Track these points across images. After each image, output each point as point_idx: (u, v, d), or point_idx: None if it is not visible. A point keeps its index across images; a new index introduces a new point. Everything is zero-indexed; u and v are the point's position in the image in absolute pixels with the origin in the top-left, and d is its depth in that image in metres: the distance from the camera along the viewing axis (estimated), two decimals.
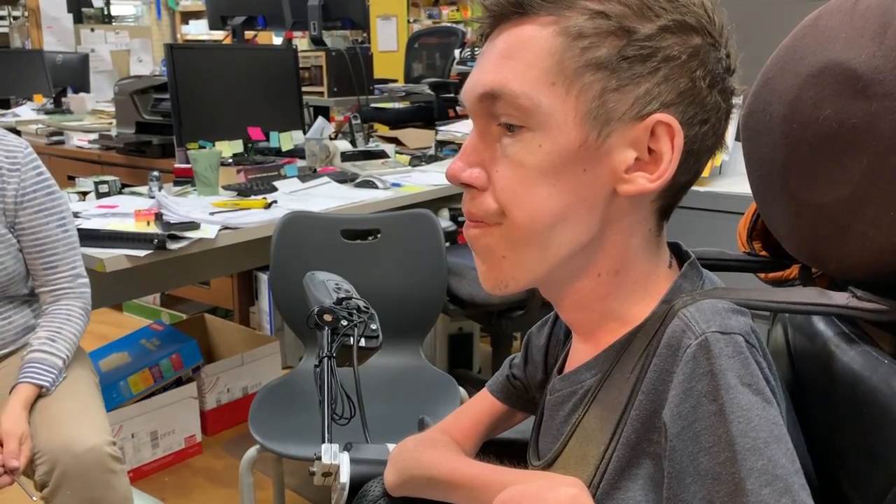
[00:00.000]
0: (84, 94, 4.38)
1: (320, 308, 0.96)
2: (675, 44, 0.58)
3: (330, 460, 0.87)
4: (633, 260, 0.64)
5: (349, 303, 0.98)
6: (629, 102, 0.58)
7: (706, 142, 0.61)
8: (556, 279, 0.65)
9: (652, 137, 0.59)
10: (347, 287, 1.04)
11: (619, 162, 0.59)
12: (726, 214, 1.73)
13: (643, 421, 0.59)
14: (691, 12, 0.59)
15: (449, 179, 0.64)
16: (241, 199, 2.11)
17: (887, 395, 0.56)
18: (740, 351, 0.55)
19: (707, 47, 0.59)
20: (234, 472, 2.02)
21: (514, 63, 0.59)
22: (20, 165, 1.46)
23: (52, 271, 1.50)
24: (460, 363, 2.64)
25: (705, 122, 0.60)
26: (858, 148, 0.60)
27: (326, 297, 1.00)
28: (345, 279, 1.07)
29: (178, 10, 8.10)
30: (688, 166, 0.61)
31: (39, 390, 1.39)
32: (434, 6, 6.82)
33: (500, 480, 0.66)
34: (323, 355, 0.94)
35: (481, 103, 0.61)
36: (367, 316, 0.98)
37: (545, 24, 0.58)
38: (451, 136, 2.87)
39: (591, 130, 0.58)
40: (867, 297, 0.61)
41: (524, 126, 0.59)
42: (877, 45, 0.59)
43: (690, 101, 0.59)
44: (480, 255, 0.65)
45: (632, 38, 0.57)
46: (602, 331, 0.66)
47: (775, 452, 0.52)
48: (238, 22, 3.15)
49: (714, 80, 0.60)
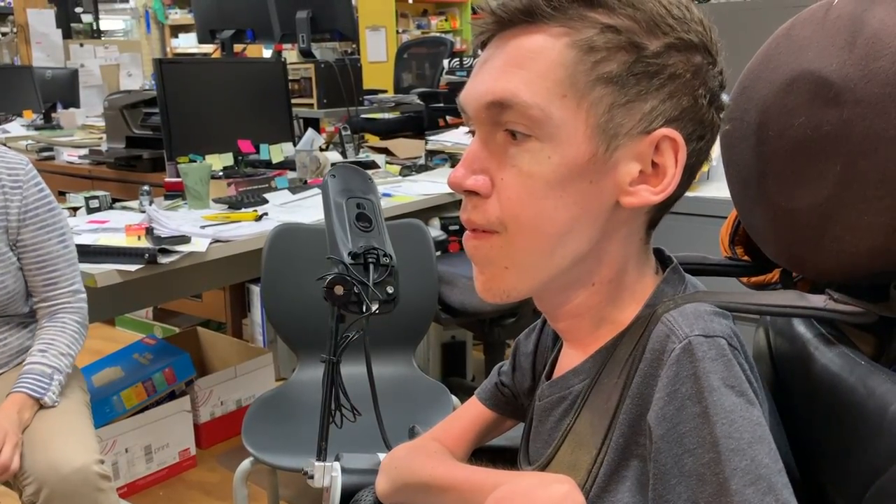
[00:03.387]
0: (74, 110, 4.38)
1: (332, 278, 0.90)
2: (680, 62, 0.59)
3: (320, 483, 0.88)
4: (625, 269, 0.65)
5: (369, 254, 0.91)
6: (636, 118, 0.59)
7: (701, 157, 0.63)
8: (553, 289, 0.65)
9: (656, 152, 0.60)
10: (371, 214, 0.95)
11: (623, 175, 0.60)
12: (712, 219, 1.75)
13: (630, 424, 0.60)
14: (693, 31, 0.60)
15: (452, 187, 0.63)
16: (231, 211, 2.11)
17: (863, 395, 0.57)
18: (723, 353, 0.56)
19: (707, 66, 0.60)
20: (228, 484, 2.01)
21: (525, 72, 0.59)
22: (22, 182, 1.46)
23: (52, 287, 1.50)
24: (454, 372, 2.65)
25: (702, 137, 0.62)
26: (832, 154, 0.61)
27: (344, 238, 0.92)
28: (369, 187, 0.98)
29: (167, 24, 8.10)
30: (683, 180, 0.62)
31: (33, 400, 1.39)
32: (423, 16, 6.85)
33: (492, 482, 0.66)
34: (325, 358, 0.91)
35: (488, 111, 0.60)
36: (386, 273, 0.91)
37: (556, 35, 0.58)
38: (441, 145, 2.88)
39: (599, 144, 0.59)
40: (844, 299, 0.62)
41: (532, 136, 0.59)
42: (847, 53, 0.60)
43: (692, 118, 0.60)
44: (480, 265, 0.65)
45: (641, 55, 0.58)
46: (592, 336, 0.67)
47: (758, 452, 0.53)
48: (227, 35, 3.16)
49: (713, 98, 0.61)
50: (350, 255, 0.90)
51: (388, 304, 0.91)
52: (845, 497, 0.59)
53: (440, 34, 6.36)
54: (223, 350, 2.57)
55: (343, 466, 0.89)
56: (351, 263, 0.89)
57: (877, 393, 0.56)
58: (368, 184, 1.00)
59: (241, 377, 2.42)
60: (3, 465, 1.28)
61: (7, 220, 1.44)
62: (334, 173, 1.00)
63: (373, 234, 0.91)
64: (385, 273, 0.90)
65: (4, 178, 1.45)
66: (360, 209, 0.93)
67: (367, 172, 1.01)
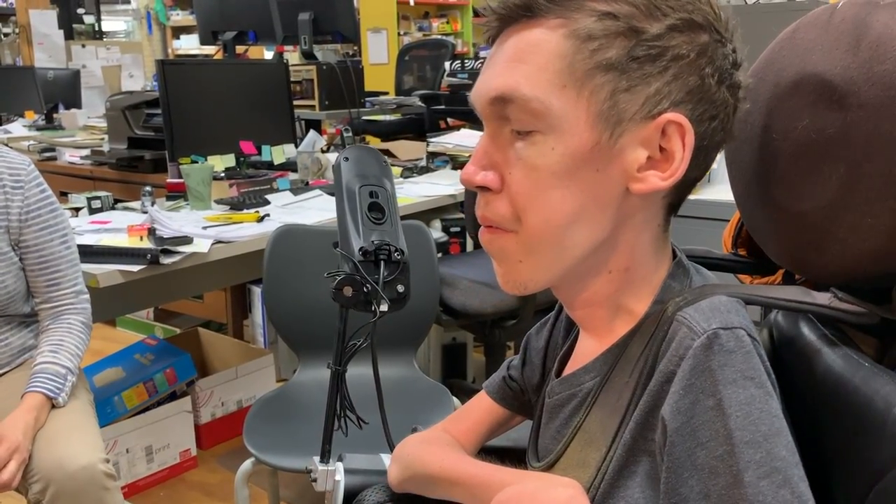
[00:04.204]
0: (75, 110, 4.38)
1: (340, 280, 0.87)
2: (684, 42, 0.58)
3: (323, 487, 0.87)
4: (642, 256, 0.65)
5: (380, 251, 0.88)
6: (640, 102, 0.59)
7: (715, 137, 0.62)
8: (570, 278, 0.65)
9: (663, 136, 0.59)
10: (385, 204, 0.90)
11: (631, 161, 0.60)
12: (715, 221, 1.75)
13: (641, 421, 0.60)
14: (698, 10, 0.59)
15: (463, 183, 0.64)
16: (233, 212, 2.12)
17: (867, 397, 0.57)
18: (743, 345, 0.56)
19: (714, 44, 0.60)
20: (229, 485, 2.01)
21: (525, 66, 0.59)
22: (24, 183, 1.46)
23: (55, 288, 1.50)
24: (454, 373, 2.65)
25: (714, 118, 0.61)
26: (835, 156, 0.61)
27: (356, 233, 0.88)
28: (383, 171, 0.93)
29: (168, 25, 8.11)
30: (698, 162, 0.62)
31: (48, 400, 1.39)
32: (424, 19, 6.86)
33: (500, 479, 0.67)
34: (331, 366, 0.89)
35: (492, 107, 0.61)
36: (397, 270, 0.89)
37: (554, 27, 0.59)
38: (443, 147, 2.89)
39: (603, 131, 0.59)
40: (848, 298, 0.62)
41: (536, 129, 0.60)
42: (851, 57, 0.61)
43: (700, 99, 0.59)
44: (496, 258, 0.66)
45: (640, 39, 0.58)
46: (608, 328, 0.67)
47: (775, 445, 0.53)
48: (229, 37, 3.16)
49: (722, 77, 0.60)
50: (361, 251, 0.87)
51: (397, 302, 0.89)
52: (848, 498, 0.60)
53: (441, 36, 6.36)
54: (224, 351, 2.57)
55: (346, 467, 0.90)
56: (361, 261, 0.86)
57: (880, 394, 0.56)
58: (383, 167, 0.95)
59: (241, 378, 2.42)
60: (4, 484, 1.28)
61: (8, 219, 1.45)
62: (347, 156, 0.96)
63: (385, 226, 0.88)
64: (396, 270, 0.88)
65: (6, 179, 1.45)
66: (374, 198, 0.90)
67: (381, 154, 0.95)
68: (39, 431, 1.36)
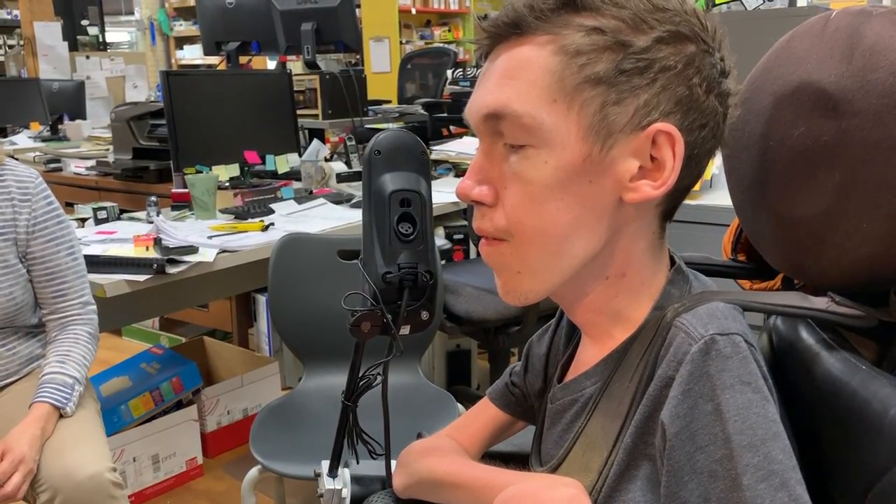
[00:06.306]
0: (80, 121, 4.41)
1: (357, 317, 0.79)
2: (671, 54, 0.60)
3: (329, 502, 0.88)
4: (638, 263, 0.66)
5: (405, 279, 0.78)
6: (629, 114, 0.60)
7: (706, 145, 0.63)
8: (569, 286, 0.67)
9: (653, 146, 0.61)
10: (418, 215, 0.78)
11: (623, 172, 0.61)
12: (714, 227, 1.76)
13: (641, 426, 0.61)
14: (684, 21, 0.61)
15: (459, 197, 0.66)
16: (238, 222, 2.13)
17: (864, 399, 0.58)
18: (740, 350, 0.57)
19: (702, 54, 0.61)
20: (235, 493, 2.02)
21: (515, 83, 0.61)
22: (31, 195, 1.48)
23: (62, 299, 1.52)
24: (458, 380, 2.66)
25: (704, 126, 0.62)
26: (831, 163, 0.62)
27: (381, 254, 0.78)
28: (420, 167, 0.80)
29: (172, 35, 8.16)
30: (690, 170, 0.63)
31: (56, 410, 1.40)
32: (426, 27, 6.88)
33: (503, 481, 0.68)
34: (344, 401, 0.86)
35: (486, 123, 0.63)
36: (424, 297, 0.79)
37: (543, 44, 0.60)
38: (445, 155, 2.90)
39: (594, 144, 0.60)
40: (845, 302, 0.63)
41: (528, 143, 0.61)
42: (845, 65, 0.62)
43: (689, 108, 0.61)
44: (496, 269, 0.67)
45: (628, 52, 0.59)
46: (608, 334, 0.68)
47: (772, 449, 0.54)
48: (232, 47, 3.18)
49: (710, 86, 0.61)
50: (384, 277, 0.78)
51: (419, 328, 0.83)
52: (845, 500, 0.60)
53: (443, 45, 6.39)
54: (229, 359, 2.58)
55: (352, 474, 0.91)
56: (383, 290, 0.77)
57: (878, 397, 0.57)
58: (421, 159, 0.82)
59: (247, 386, 2.43)
60: (9, 495, 1.29)
61: (16, 231, 1.46)
62: (379, 148, 0.81)
63: (415, 243, 0.78)
64: (422, 296, 0.79)
65: (14, 191, 1.47)
66: (405, 207, 0.78)
67: (420, 142, 0.82)
68: (47, 441, 1.37)
